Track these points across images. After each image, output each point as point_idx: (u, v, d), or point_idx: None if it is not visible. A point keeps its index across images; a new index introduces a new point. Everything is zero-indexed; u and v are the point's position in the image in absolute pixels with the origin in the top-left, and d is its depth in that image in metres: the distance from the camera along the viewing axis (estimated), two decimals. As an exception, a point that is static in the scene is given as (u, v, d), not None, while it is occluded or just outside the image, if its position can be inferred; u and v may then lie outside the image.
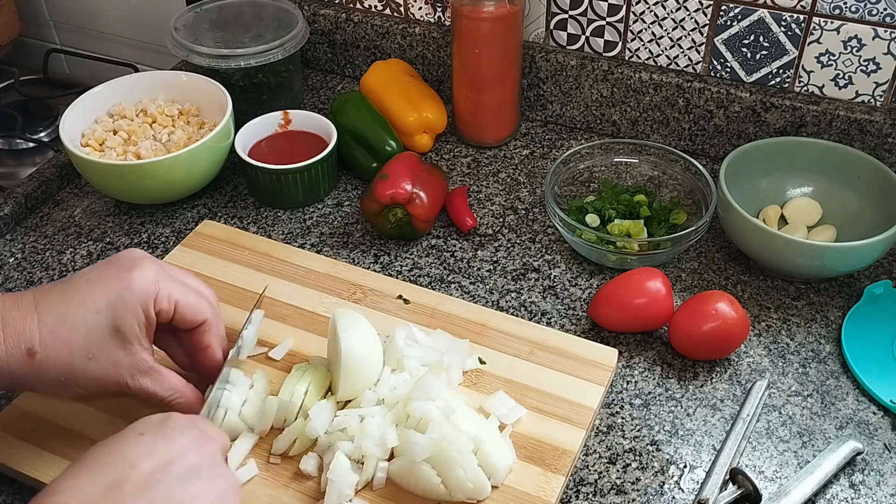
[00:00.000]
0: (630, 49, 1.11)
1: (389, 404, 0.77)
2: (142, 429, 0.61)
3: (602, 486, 0.77)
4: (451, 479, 0.71)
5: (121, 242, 1.02)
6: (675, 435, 0.81)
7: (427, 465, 0.71)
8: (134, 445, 0.59)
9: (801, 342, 0.89)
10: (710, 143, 1.12)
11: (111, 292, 0.68)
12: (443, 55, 1.21)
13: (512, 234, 1.02)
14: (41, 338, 0.67)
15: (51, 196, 1.10)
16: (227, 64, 1.10)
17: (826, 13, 0.99)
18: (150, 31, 1.44)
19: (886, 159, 1.03)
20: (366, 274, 0.94)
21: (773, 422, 0.82)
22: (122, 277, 0.69)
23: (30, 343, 0.67)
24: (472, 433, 0.73)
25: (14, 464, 0.76)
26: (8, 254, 1.01)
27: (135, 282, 0.69)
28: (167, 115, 1.09)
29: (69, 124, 1.04)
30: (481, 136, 1.15)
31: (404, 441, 0.72)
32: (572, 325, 0.91)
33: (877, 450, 0.79)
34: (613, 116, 1.15)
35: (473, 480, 0.71)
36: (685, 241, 0.93)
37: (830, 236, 0.97)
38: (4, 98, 1.45)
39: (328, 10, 1.25)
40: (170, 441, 0.59)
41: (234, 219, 1.05)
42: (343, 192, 1.09)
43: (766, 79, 1.07)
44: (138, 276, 0.69)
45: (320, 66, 1.31)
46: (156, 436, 0.60)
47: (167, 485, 0.57)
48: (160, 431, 0.60)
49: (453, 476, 0.71)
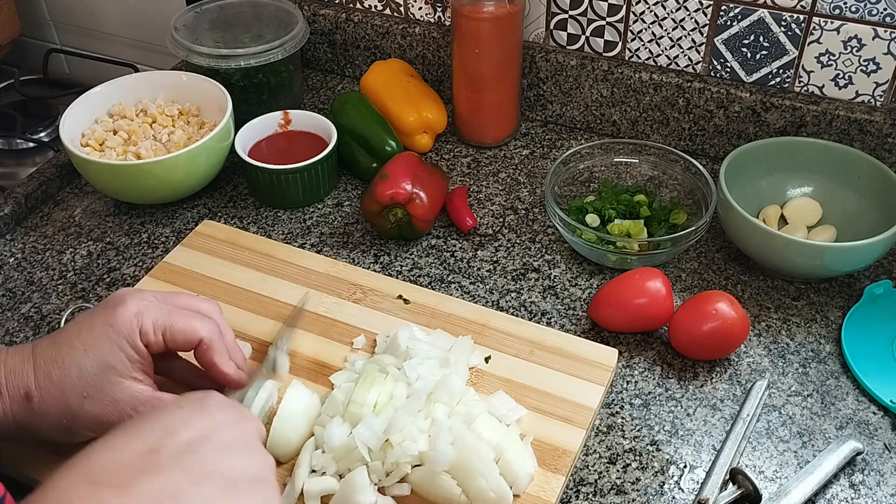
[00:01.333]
0: (630, 49, 1.11)
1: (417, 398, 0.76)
2: (181, 402, 0.61)
3: (602, 486, 0.77)
4: (472, 488, 0.70)
5: (121, 242, 1.02)
6: (676, 435, 0.81)
7: (447, 476, 0.71)
8: (173, 415, 0.58)
9: (802, 342, 0.89)
10: (710, 143, 1.12)
11: (96, 332, 0.69)
12: (443, 55, 1.21)
13: (512, 234, 1.02)
14: (36, 381, 0.68)
15: (51, 196, 1.10)
16: (227, 64, 1.10)
17: (826, 13, 0.99)
18: (150, 31, 1.44)
19: (886, 159, 1.03)
20: (366, 274, 0.94)
21: (773, 422, 0.82)
22: (106, 316, 0.70)
23: (27, 388, 0.68)
24: (494, 442, 0.72)
25: (14, 464, 0.76)
26: (8, 254, 1.01)
27: (117, 318, 0.69)
28: (167, 115, 1.09)
29: (69, 124, 1.04)
30: (481, 136, 1.15)
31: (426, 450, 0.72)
32: (572, 325, 0.91)
33: (877, 450, 0.79)
34: (613, 116, 1.15)
35: (496, 490, 0.70)
36: (685, 241, 0.93)
37: (830, 236, 0.97)
38: (4, 98, 1.45)
39: (328, 10, 1.25)
40: (209, 415, 0.59)
41: (234, 219, 1.05)
42: (343, 192, 1.09)
43: (766, 79, 1.07)
44: (121, 312, 0.70)
45: (320, 66, 1.31)
46: (195, 409, 0.59)
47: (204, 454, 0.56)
48: (199, 405, 0.60)
49: (475, 486, 0.70)
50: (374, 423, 0.72)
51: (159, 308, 0.72)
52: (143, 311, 0.70)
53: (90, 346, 0.69)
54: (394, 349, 0.81)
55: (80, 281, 0.97)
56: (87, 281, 0.97)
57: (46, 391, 0.68)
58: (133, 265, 0.99)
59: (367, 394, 0.75)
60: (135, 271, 0.98)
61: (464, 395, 0.77)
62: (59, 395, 0.68)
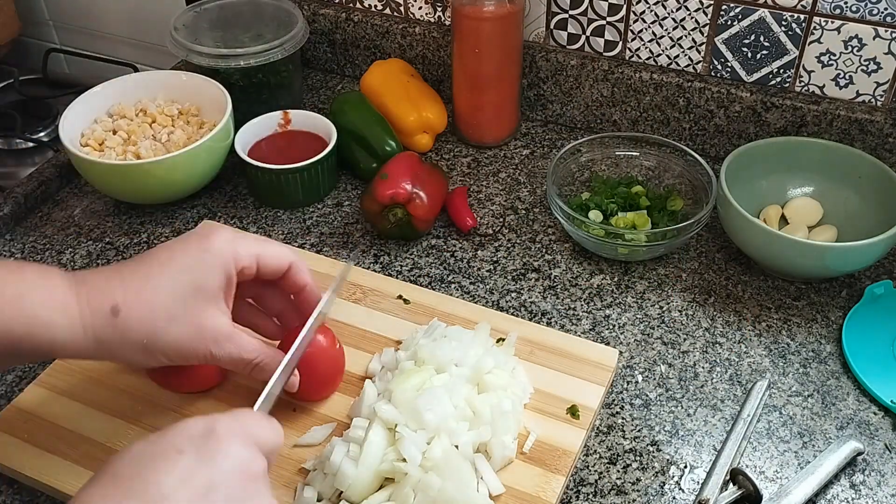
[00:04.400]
0: (630, 49, 1.11)
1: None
2: (182, 445, 0.54)
3: (602, 487, 0.77)
4: None
5: (120, 242, 1.02)
6: (676, 435, 0.81)
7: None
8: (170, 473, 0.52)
9: (802, 342, 0.89)
10: (710, 143, 1.12)
11: (192, 255, 0.70)
12: (443, 55, 1.21)
13: (512, 234, 1.02)
14: (125, 296, 0.67)
15: (50, 196, 1.10)
16: (226, 64, 1.10)
17: (827, 13, 0.99)
18: (150, 31, 1.44)
19: (887, 159, 1.03)
20: (366, 274, 0.94)
21: (773, 422, 0.82)
22: (202, 242, 0.71)
23: (114, 301, 0.67)
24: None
25: (14, 464, 0.76)
26: (8, 254, 1.01)
27: (213, 244, 0.70)
28: (167, 115, 1.09)
29: (69, 124, 1.04)
30: (481, 135, 1.15)
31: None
32: (572, 325, 0.91)
33: (877, 450, 0.79)
34: (614, 116, 1.15)
35: None
36: (692, 229, 0.94)
37: (831, 236, 0.97)
38: (4, 98, 1.44)
39: (328, 10, 1.25)
40: (211, 465, 0.53)
41: (233, 219, 1.05)
42: (343, 192, 1.09)
43: (766, 78, 1.06)
44: (216, 238, 0.71)
45: (320, 65, 1.31)
46: (197, 457, 0.53)
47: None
48: (202, 450, 0.54)
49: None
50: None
51: (249, 238, 0.73)
52: (237, 238, 0.72)
53: (186, 269, 0.69)
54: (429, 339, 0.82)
55: (80, 281, 0.97)
56: (86, 281, 0.97)
57: (135, 308, 0.67)
58: (133, 265, 0.99)
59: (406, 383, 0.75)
60: (134, 271, 0.98)
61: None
62: (149, 314, 0.67)
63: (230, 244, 0.71)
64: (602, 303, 0.93)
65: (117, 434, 0.78)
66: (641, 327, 0.91)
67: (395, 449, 0.72)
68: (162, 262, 0.70)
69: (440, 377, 0.76)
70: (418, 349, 0.79)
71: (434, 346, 0.79)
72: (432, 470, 0.70)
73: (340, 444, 0.73)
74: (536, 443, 0.77)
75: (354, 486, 0.71)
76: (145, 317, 0.67)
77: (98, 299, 0.67)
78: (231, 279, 0.70)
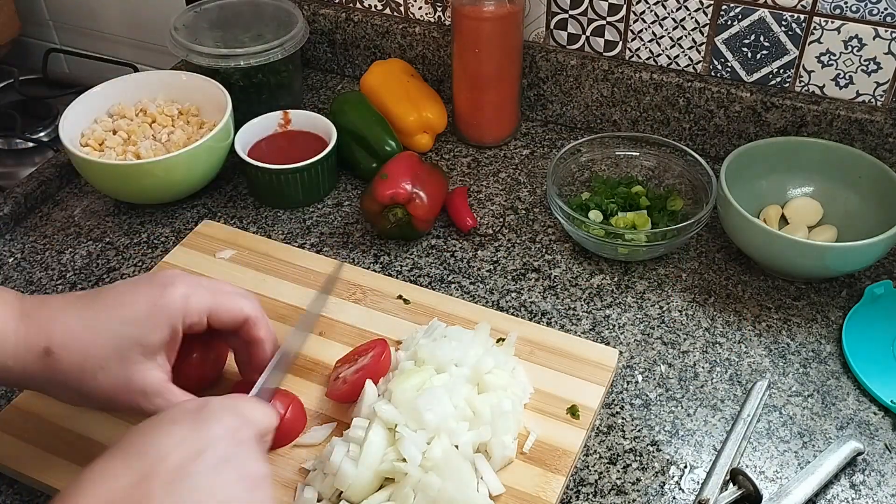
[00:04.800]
0: (630, 49, 1.11)
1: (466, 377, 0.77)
2: (178, 417, 0.60)
3: (602, 487, 0.77)
4: None
5: (120, 242, 1.02)
6: (676, 435, 0.81)
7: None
8: (168, 434, 0.58)
9: (802, 342, 0.89)
10: (710, 143, 1.12)
11: (140, 307, 0.69)
12: (443, 55, 1.21)
13: (512, 234, 1.02)
14: (63, 338, 0.67)
15: (50, 196, 1.10)
16: (226, 64, 1.10)
17: (827, 13, 0.99)
18: (150, 31, 1.44)
19: (887, 159, 1.03)
20: (366, 274, 0.94)
21: (773, 422, 0.82)
22: (154, 294, 0.69)
23: (49, 341, 0.67)
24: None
25: (13, 464, 0.76)
26: (7, 254, 1.01)
27: (165, 297, 0.69)
28: (167, 115, 1.09)
29: (69, 124, 1.04)
30: (481, 135, 1.15)
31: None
32: (572, 325, 0.91)
33: (877, 450, 0.79)
34: (614, 116, 1.15)
35: None
36: (692, 229, 0.94)
37: (831, 236, 0.97)
38: (4, 98, 1.44)
39: (328, 10, 1.25)
40: (203, 430, 0.59)
41: (233, 219, 1.05)
42: (343, 192, 1.09)
43: (766, 78, 1.06)
44: (170, 292, 0.70)
45: (320, 65, 1.31)
46: (190, 423, 0.59)
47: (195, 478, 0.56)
48: (195, 420, 0.60)
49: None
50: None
51: (204, 290, 0.72)
52: (190, 293, 0.71)
53: (130, 321, 0.68)
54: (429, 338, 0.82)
55: (80, 281, 0.97)
56: (86, 281, 0.97)
57: (69, 351, 0.67)
58: (132, 265, 0.99)
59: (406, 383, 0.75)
60: (134, 271, 0.98)
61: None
62: (79, 360, 0.67)
63: (182, 300, 0.70)
64: (602, 303, 0.93)
65: (117, 434, 0.78)
66: (641, 327, 0.91)
67: (395, 449, 0.72)
68: (109, 307, 0.69)
69: (440, 377, 0.76)
70: (418, 349, 0.79)
71: (434, 346, 0.79)
72: (432, 470, 0.70)
73: (340, 444, 0.73)
74: (536, 443, 0.77)
75: (354, 486, 0.71)
76: (76, 362, 0.67)
77: (34, 337, 0.67)
78: (176, 334, 0.70)
